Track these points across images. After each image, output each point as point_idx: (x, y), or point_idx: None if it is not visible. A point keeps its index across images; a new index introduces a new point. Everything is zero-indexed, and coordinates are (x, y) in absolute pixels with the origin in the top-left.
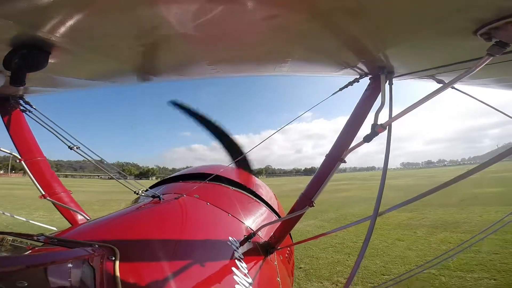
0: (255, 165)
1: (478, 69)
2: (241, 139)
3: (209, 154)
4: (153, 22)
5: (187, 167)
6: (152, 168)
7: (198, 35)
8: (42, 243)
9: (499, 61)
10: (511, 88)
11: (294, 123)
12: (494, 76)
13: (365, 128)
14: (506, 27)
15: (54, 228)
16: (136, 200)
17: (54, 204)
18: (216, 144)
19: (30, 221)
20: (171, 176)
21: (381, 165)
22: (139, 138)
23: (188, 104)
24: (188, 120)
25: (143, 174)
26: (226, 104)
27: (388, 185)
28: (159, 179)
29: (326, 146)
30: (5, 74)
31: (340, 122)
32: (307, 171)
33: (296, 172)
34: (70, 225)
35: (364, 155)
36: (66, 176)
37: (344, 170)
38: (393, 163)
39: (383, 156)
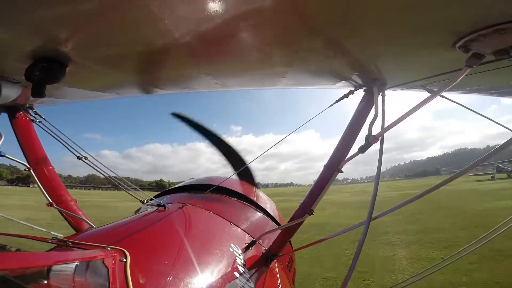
0: (179, 178)
1: (459, 79)
2: (164, 148)
3: (122, 162)
4: (159, 38)
5: (88, 176)
6: None
7: (201, 49)
8: (56, 245)
9: (485, 70)
10: (505, 95)
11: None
12: (483, 84)
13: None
14: (479, 39)
15: (60, 235)
16: (139, 209)
17: (60, 212)
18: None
19: (35, 227)
20: (174, 187)
21: (298, 181)
22: None
23: (189, 115)
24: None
25: (21, 179)
26: (150, 111)
27: (329, 201)
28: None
29: (251, 163)
30: (22, 85)
31: (266, 139)
32: None
33: None
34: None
35: (283, 172)
36: None
37: (267, 186)
38: (307, 180)
39: (300, 173)
